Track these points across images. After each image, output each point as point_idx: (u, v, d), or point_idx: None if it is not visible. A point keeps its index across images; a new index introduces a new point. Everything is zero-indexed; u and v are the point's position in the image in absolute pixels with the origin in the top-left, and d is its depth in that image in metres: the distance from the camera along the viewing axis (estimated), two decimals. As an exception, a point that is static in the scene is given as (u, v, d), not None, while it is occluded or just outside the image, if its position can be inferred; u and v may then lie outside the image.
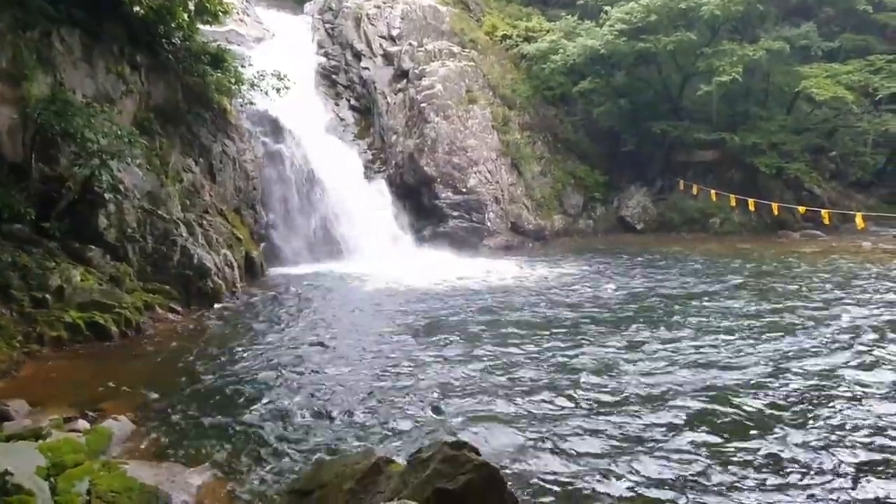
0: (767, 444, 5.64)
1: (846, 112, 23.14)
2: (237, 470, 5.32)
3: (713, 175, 23.24)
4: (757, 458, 5.40)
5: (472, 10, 26.35)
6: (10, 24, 9.43)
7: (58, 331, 8.52)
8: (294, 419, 6.37)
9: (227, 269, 11.93)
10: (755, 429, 5.96)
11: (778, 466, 5.25)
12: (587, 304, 11.60)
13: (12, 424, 5.75)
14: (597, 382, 7.26)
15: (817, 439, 5.72)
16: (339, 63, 22.26)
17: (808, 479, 5.07)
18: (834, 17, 25.79)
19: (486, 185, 20.01)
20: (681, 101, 24.17)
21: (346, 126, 20.98)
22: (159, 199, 11.75)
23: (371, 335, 9.62)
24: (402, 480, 3.90)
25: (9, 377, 7.34)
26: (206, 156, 14.04)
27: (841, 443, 5.65)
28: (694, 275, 14.30)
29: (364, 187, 18.40)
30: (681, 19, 21.96)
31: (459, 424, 6.13)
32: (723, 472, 5.15)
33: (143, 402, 6.78)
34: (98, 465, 4.92)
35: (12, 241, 9.20)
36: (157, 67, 12.94)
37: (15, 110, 9.48)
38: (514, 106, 23.06)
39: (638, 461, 5.35)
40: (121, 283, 9.97)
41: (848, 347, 8.45)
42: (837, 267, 14.72)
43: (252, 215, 15.21)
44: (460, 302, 11.76)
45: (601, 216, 23.25)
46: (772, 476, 5.10)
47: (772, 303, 11.15)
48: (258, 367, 8.01)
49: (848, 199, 23.59)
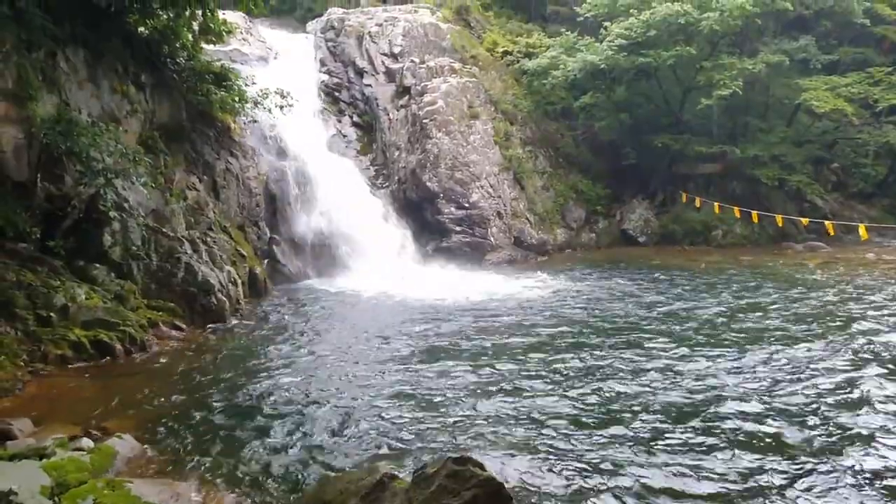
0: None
1: (846, 124, 23.22)
2: (241, 488, 5.30)
3: (715, 187, 23.27)
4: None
5: (472, 27, 26.57)
6: (15, 44, 9.52)
7: (62, 349, 8.52)
8: (298, 436, 6.35)
9: (231, 286, 11.94)
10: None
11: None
12: (591, 318, 11.59)
13: (16, 443, 5.74)
14: (607, 400, 7.24)
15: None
16: (341, 80, 22.44)
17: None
18: (832, 31, 25.93)
19: (489, 199, 20.05)
20: (681, 115, 24.26)
21: (349, 142, 21.09)
22: (164, 216, 11.81)
23: (375, 351, 9.60)
24: (407, 497, 3.88)
25: (13, 395, 7.32)
26: (210, 173, 14.13)
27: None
28: (703, 289, 14.28)
29: (367, 203, 18.45)
30: (680, 34, 22.10)
31: (465, 440, 6.11)
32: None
33: (147, 419, 6.77)
34: (102, 483, 4.90)
35: (17, 259, 9.24)
36: (162, 86, 13.07)
37: (20, 130, 9.56)
38: (516, 121, 23.17)
39: (653, 476, 5.31)
40: (125, 300, 9.99)
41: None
42: (846, 278, 14.65)
43: (255, 232, 15.27)
44: (466, 318, 11.74)
45: (603, 229, 23.24)
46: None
47: (794, 321, 11.01)
48: (262, 384, 7.99)
49: (850, 210, 23.58)
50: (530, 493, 5.08)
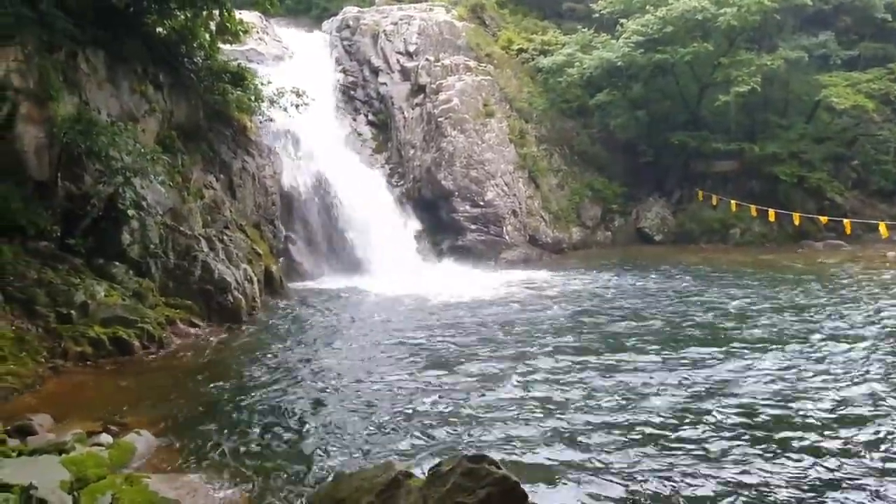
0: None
1: (867, 120, 22.86)
2: (257, 484, 5.33)
3: (732, 185, 23.04)
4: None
5: (487, 24, 26.53)
6: (36, 46, 9.66)
7: (82, 346, 8.63)
8: (314, 433, 6.37)
9: (247, 284, 12.02)
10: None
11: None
12: (612, 318, 11.52)
13: (36, 438, 5.82)
14: (625, 402, 7.19)
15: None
16: (356, 79, 22.52)
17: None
18: (852, 26, 25.54)
19: (504, 198, 20.01)
20: (699, 112, 24.03)
21: (364, 141, 21.16)
22: (181, 215, 11.92)
23: (390, 348, 9.61)
24: (422, 495, 3.88)
25: (34, 391, 7.43)
26: (227, 172, 14.24)
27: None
28: (733, 288, 14.14)
29: (383, 202, 18.50)
30: (697, 30, 21.90)
31: (481, 439, 6.10)
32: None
33: (165, 416, 6.83)
34: (121, 478, 4.96)
35: (38, 257, 9.38)
36: (179, 86, 13.19)
37: (42, 130, 9.69)
38: (531, 119, 23.10)
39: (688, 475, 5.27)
40: (143, 298, 10.09)
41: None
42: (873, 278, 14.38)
43: (271, 230, 15.36)
44: (481, 316, 11.71)
45: (619, 228, 23.11)
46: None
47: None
48: (278, 381, 8.04)
49: (871, 209, 23.18)
50: (548, 490, 5.06)
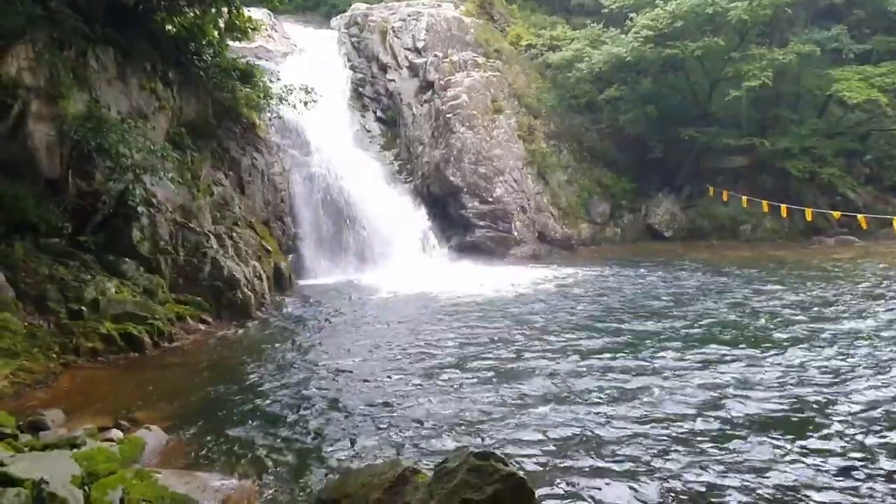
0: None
1: (880, 115, 22.59)
2: (266, 480, 5.36)
3: (744, 181, 22.87)
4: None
5: (496, 20, 26.44)
6: (47, 43, 9.73)
7: (93, 342, 8.70)
8: (324, 429, 6.39)
9: (257, 281, 12.07)
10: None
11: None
12: (630, 315, 11.45)
13: (48, 433, 5.88)
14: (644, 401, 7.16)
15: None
16: (365, 76, 22.53)
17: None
18: (865, 19, 25.25)
19: (513, 194, 19.96)
20: (709, 107, 23.85)
21: (373, 137, 21.18)
22: (191, 212, 11.98)
23: (401, 344, 9.61)
24: (429, 491, 3.88)
25: (45, 387, 7.51)
26: (236, 169, 14.29)
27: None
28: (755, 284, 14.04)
29: (391, 198, 18.51)
30: (708, 24, 21.72)
31: (489, 435, 6.09)
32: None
33: (175, 411, 6.88)
34: (131, 473, 4.99)
35: (49, 254, 9.46)
36: (189, 83, 13.24)
37: (52, 127, 9.76)
38: (540, 115, 23.01)
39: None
40: (154, 294, 10.16)
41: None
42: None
43: (280, 227, 15.41)
44: (492, 313, 11.68)
45: (629, 224, 23.00)
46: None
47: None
48: (287, 377, 8.06)
49: (884, 204, 22.99)
50: (556, 489, 5.05)
